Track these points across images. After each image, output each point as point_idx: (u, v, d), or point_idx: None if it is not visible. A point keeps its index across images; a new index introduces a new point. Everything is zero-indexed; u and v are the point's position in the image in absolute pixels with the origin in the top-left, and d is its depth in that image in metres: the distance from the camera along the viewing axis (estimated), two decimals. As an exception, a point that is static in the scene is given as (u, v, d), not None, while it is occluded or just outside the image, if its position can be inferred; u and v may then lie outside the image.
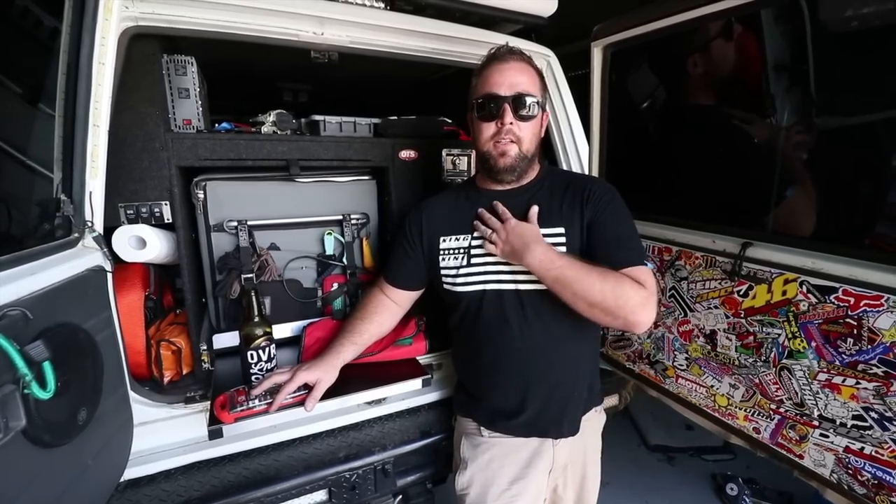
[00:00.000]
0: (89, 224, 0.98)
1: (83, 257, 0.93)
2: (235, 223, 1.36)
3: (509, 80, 1.07)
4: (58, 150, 0.94)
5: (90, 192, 0.98)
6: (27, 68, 1.08)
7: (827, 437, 1.12)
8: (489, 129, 1.09)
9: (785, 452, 1.22)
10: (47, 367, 0.72)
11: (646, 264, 1.06)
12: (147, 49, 1.19)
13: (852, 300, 1.02)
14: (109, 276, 1.01)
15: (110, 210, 1.13)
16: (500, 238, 1.07)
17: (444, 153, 1.60)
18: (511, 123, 1.06)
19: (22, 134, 1.05)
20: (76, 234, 0.94)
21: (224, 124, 1.41)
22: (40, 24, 1.03)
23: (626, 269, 1.02)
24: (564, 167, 1.73)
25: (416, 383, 1.30)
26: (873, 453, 1.03)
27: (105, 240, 1.02)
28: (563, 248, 1.08)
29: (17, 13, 1.04)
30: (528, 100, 1.07)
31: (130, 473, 1.15)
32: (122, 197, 1.20)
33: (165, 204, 1.24)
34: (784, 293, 1.15)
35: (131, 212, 1.22)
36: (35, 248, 0.83)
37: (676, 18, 1.33)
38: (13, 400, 0.68)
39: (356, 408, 1.40)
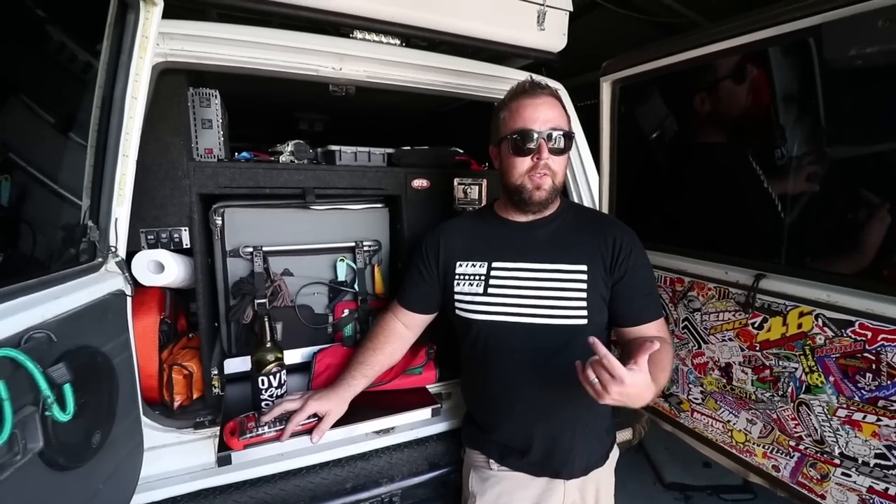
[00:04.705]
0: (113, 249, 1.01)
1: (106, 281, 0.96)
2: (251, 249, 1.39)
3: (543, 116, 1.07)
4: (87, 178, 0.98)
5: (116, 219, 1.01)
6: (59, 100, 1.13)
7: (849, 476, 1.08)
8: (524, 164, 1.09)
9: (806, 492, 1.18)
10: (67, 390, 0.73)
11: (662, 313, 1.16)
12: (174, 83, 1.25)
13: (870, 334, 1.01)
14: (129, 300, 1.04)
15: (132, 235, 1.16)
16: (612, 389, 0.92)
17: (455, 182, 1.63)
18: (547, 159, 1.08)
19: (53, 163, 1.10)
20: (100, 259, 0.98)
21: (244, 153, 1.46)
22: (74, 59, 1.09)
23: (653, 323, 1.12)
24: (575, 198, 1.75)
25: (425, 412, 1.29)
26: (899, 495, 1.00)
27: (126, 264, 1.05)
28: (584, 286, 1.09)
29: (52, 50, 1.10)
30: (562, 134, 1.09)
31: (138, 500, 1.14)
32: (144, 222, 1.24)
33: (185, 229, 1.28)
34: (800, 326, 1.14)
35: (152, 237, 1.25)
36: (61, 272, 0.86)
37: (683, 56, 1.37)
38: (32, 422, 0.69)
39: (364, 437, 1.38)
